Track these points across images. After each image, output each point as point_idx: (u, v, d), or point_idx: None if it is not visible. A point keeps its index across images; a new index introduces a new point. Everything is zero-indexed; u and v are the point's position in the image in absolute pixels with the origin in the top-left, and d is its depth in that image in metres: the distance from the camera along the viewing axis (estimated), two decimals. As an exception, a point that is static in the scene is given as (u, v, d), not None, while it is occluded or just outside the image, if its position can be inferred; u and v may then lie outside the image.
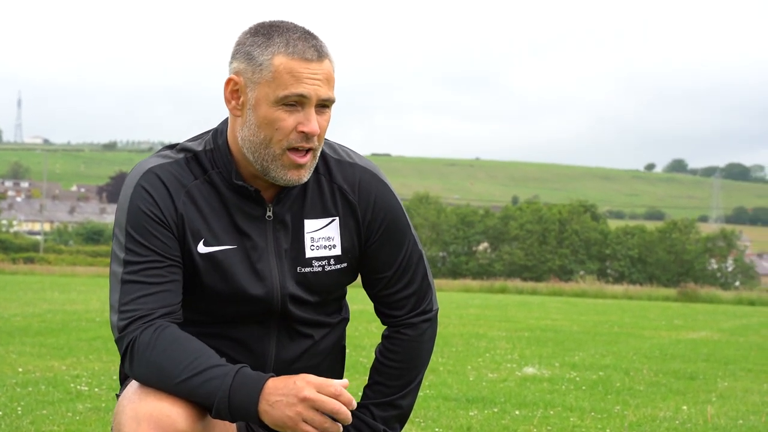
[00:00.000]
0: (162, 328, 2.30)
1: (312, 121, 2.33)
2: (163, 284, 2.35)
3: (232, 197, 2.44)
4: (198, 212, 2.42)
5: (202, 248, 2.42)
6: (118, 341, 2.35)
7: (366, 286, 2.62)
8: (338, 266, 2.52)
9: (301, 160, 2.36)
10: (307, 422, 2.19)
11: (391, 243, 2.55)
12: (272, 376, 2.25)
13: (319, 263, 2.49)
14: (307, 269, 2.49)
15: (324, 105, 2.37)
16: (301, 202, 2.48)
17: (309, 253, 2.48)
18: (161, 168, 2.42)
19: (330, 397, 2.20)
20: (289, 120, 2.33)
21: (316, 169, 2.49)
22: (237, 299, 2.44)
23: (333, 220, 2.50)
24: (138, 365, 2.29)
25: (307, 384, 2.20)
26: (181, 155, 2.46)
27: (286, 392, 2.20)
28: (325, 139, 2.55)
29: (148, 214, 2.37)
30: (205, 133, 2.53)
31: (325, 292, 2.54)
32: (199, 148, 2.47)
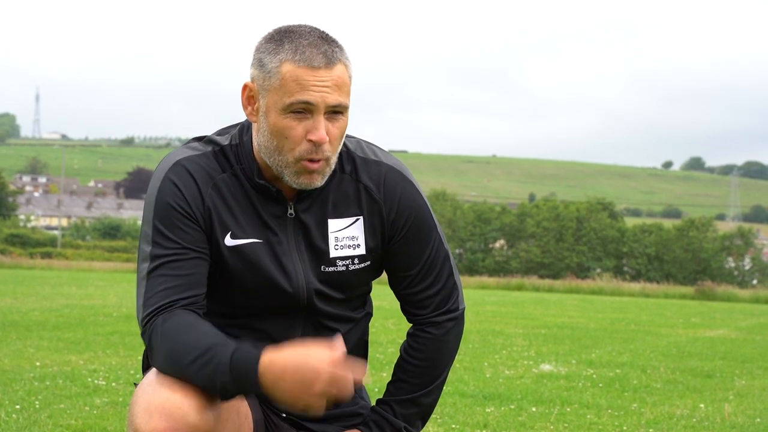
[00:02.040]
0: (172, 315, 2.30)
1: (320, 129, 2.32)
2: (186, 276, 2.35)
3: (255, 194, 2.45)
4: (225, 205, 2.43)
5: (229, 241, 2.42)
6: (142, 336, 2.36)
7: (391, 284, 2.62)
8: (362, 265, 2.52)
9: (313, 166, 2.36)
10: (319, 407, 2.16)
11: (415, 241, 2.55)
12: (261, 353, 2.19)
13: (343, 263, 2.50)
14: (332, 269, 2.49)
15: (336, 111, 2.35)
16: (324, 202, 2.48)
17: (333, 253, 2.49)
18: (189, 160, 2.43)
19: (343, 383, 2.16)
20: (298, 128, 2.33)
21: (342, 168, 2.49)
22: (264, 292, 2.45)
23: (357, 219, 2.50)
24: (156, 354, 2.31)
25: (317, 371, 2.13)
26: (209, 148, 2.47)
27: (297, 382, 2.14)
28: (353, 136, 2.56)
29: (176, 208, 2.38)
30: (232, 126, 2.53)
31: (350, 289, 2.55)
32: (225, 143, 2.48)
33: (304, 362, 2.15)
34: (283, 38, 2.35)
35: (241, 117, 2.54)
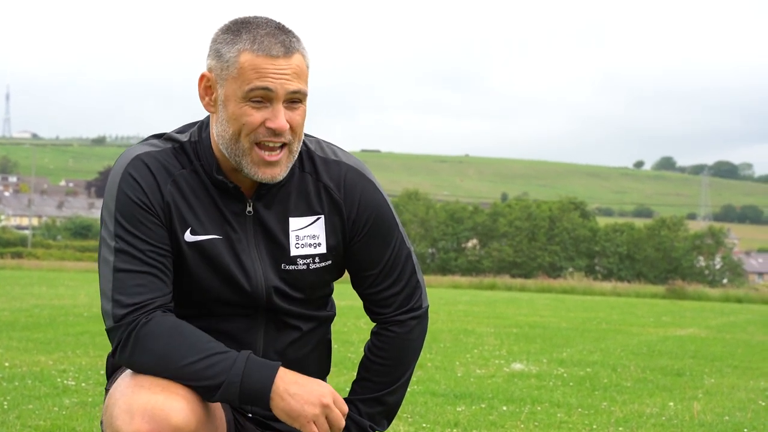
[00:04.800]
0: (164, 317, 2.32)
1: (279, 117, 2.33)
2: (155, 274, 2.36)
3: (214, 190, 2.45)
4: (185, 201, 2.42)
5: (189, 237, 2.42)
6: (112, 330, 2.34)
7: (354, 284, 2.62)
8: (323, 264, 2.52)
9: (271, 158, 2.35)
10: (316, 425, 2.29)
11: (377, 240, 2.54)
12: (281, 364, 2.32)
13: (304, 261, 2.49)
14: (292, 267, 2.49)
15: (295, 99, 2.36)
16: (285, 200, 2.48)
17: (294, 251, 2.48)
18: (148, 156, 2.43)
19: (341, 414, 2.33)
20: (256, 115, 2.33)
21: (302, 167, 2.49)
22: (223, 289, 2.45)
23: (318, 218, 2.50)
24: (139, 354, 2.30)
25: (329, 391, 2.32)
26: (168, 144, 2.47)
27: (308, 390, 2.30)
28: (312, 136, 2.55)
29: (137, 202, 2.37)
30: (192, 124, 2.53)
31: (310, 288, 2.54)
32: (184, 139, 2.47)
33: (316, 381, 2.33)
34: (240, 29, 2.36)
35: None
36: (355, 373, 2.64)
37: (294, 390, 2.29)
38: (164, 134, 2.50)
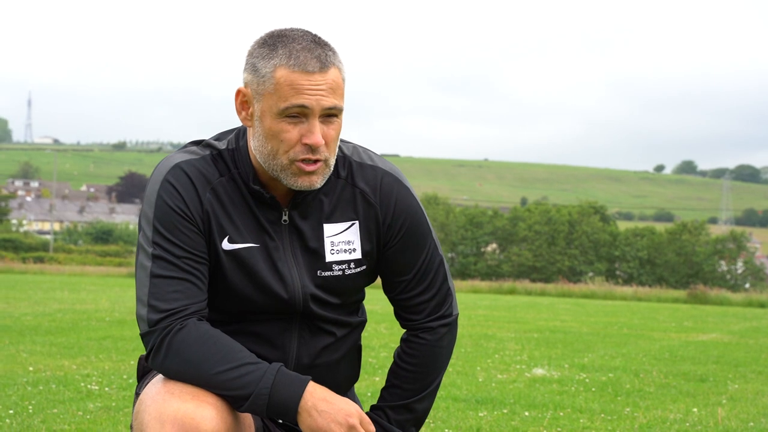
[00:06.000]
0: (197, 325, 2.34)
1: (315, 133, 2.33)
2: (192, 281, 2.38)
3: (251, 198, 2.46)
4: (223, 209, 2.44)
5: (226, 245, 2.43)
6: (147, 335, 2.36)
7: (385, 289, 2.62)
8: (358, 269, 2.53)
9: (310, 168, 2.36)
10: None
11: (411, 246, 2.55)
12: (311, 379, 2.34)
13: (339, 267, 2.51)
14: (328, 273, 2.50)
15: (330, 114, 2.36)
16: (320, 207, 2.49)
17: (329, 257, 2.49)
18: (188, 164, 2.44)
19: None
20: (293, 132, 2.34)
21: (338, 173, 2.50)
22: (259, 297, 2.46)
23: (353, 224, 2.51)
24: (171, 360, 2.32)
25: (356, 411, 2.32)
26: (207, 152, 2.48)
27: (336, 408, 2.30)
28: (350, 142, 2.56)
29: (175, 210, 2.39)
30: (229, 131, 2.54)
31: (345, 294, 2.56)
32: (223, 147, 2.48)
33: (344, 399, 2.33)
34: (276, 43, 2.35)
35: (232, 123, 2.55)
36: (378, 378, 2.67)
37: (322, 407, 2.30)
38: (203, 141, 2.52)
